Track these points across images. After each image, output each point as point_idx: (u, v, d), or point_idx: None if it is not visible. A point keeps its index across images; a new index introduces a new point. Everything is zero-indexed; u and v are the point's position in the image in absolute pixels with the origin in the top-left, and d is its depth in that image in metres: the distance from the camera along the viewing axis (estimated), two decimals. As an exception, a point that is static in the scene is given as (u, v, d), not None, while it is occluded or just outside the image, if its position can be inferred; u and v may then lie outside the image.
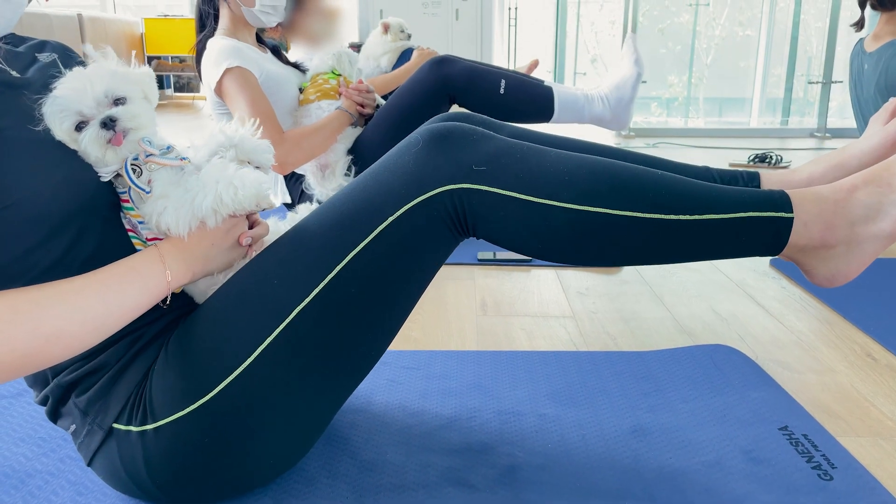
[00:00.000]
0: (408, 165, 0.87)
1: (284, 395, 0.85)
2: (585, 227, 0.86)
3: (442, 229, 0.87)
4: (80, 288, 0.74)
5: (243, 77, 1.77)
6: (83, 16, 5.60)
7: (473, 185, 0.85)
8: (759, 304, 1.67)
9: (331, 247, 0.85)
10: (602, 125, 2.01)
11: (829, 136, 4.72)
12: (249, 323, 0.84)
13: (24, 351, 0.69)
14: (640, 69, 1.94)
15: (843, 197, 0.89)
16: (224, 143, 0.90)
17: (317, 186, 1.90)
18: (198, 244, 0.83)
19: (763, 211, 0.87)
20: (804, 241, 0.89)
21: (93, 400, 0.84)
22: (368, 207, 0.86)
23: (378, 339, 0.90)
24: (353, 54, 2.05)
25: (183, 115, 5.87)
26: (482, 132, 0.91)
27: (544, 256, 0.90)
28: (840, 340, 1.46)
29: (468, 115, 1.25)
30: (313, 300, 0.83)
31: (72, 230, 0.78)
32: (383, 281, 0.86)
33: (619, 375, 1.28)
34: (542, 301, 1.71)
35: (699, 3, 6.05)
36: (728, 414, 1.13)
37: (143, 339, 0.86)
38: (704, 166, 1.25)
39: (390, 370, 1.30)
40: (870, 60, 2.70)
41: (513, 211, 0.86)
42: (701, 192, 0.88)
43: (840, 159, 1.17)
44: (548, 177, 0.86)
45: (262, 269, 0.86)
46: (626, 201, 0.86)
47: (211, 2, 1.93)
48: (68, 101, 0.77)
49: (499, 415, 1.15)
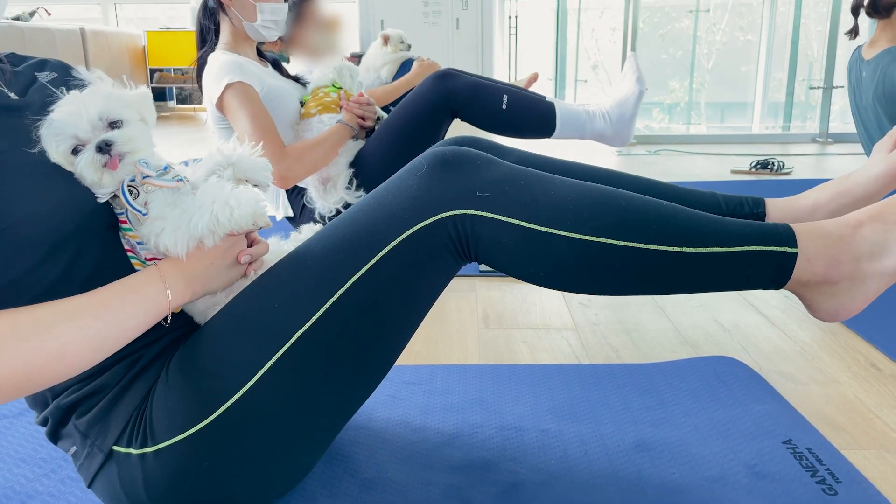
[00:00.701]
0: (411, 190, 0.87)
1: (286, 417, 0.84)
2: (588, 257, 0.85)
3: (444, 254, 0.87)
4: (81, 307, 0.74)
5: (244, 92, 1.77)
6: (86, 29, 5.63)
7: (477, 211, 0.85)
8: (761, 314, 1.66)
9: (333, 271, 0.85)
10: (603, 141, 2.01)
11: (831, 142, 4.71)
12: (251, 346, 0.83)
13: (25, 370, 0.69)
14: (642, 87, 1.94)
15: (849, 233, 0.89)
16: (222, 162, 0.90)
17: (318, 200, 1.90)
18: (197, 263, 0.83)
19: (767, 245, 0.87)
20: (808, 277, 0.88)
21: (93, 422, 0.84)
22: (371, 231, 0.86)
23: (379, 362, 0.90)
24: (354, 67, 2.05)
25: (185, 127, 5.88)
26: (487, 157, 0.91)
27: (546, 284, 0.90)
28: (844, 350, 1.45)
29: (476, 140, 1.25)
30: (315, 324, 0.83)
31: (69, 251, 0.79)
32: (385, 305, 0.86)
33: (621, 388, 1.28)
34: (544, 313, 1.70)
35: (699, 9, 6.05)
36: (732, 427, 1.13)
37: (142, 360, 0.86)
38: (710, 192, 1.24)
39: (392, 385, 1.29)
40: (868, 68, 2.69)
41: (515, 238, 0.85)
42: (705, 225, 0.88)
43: (844, 186, 1.17)
44: (551, 205, 0.86)
45: (263, 292, 0.86)
46: (630, 232, 0.85)
47: (212, 16, 1.93)
48: (64, 125, 0.77)
49: (501, 430, 1.14)
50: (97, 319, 0.74)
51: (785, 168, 3.52)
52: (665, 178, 3.28)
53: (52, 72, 0.93)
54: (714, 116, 6.77)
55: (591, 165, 1.28)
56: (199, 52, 1.94)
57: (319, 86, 1.99)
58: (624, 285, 0.89)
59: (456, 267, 0.90)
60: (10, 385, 0.68)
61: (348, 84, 2.00)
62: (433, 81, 1.89)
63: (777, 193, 3.08)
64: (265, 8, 1.87)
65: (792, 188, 3.13)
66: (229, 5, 1.87)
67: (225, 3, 1.88)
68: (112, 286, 0.78)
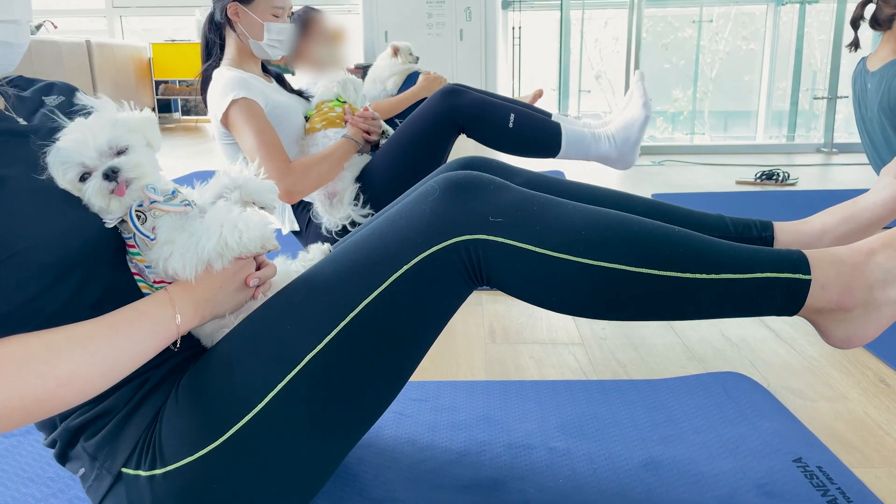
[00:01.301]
0: (424, 214, 0.87)
1: (295, 440, 0.84)
2: (600, 283, 0.85)
3: (456, 279, 0.87)
4: (91, 332, 0.75)
5: (249, 108, 1.78)
6: (91, 42, 5.66)
7: (489, 236, 0.86)
8: (769, 328, 1.66)
9: (344, 293, 0.85)
10: (607, 164, 2.02)
11: (835, 152, 4.70)
12: (261, 368, 0.83)
13: (35, 395, 0.69)
14: (648, 112, 1.95)
15: (862, 260, 0.88)
16: (228, 185, 0.90)
17: (324, 215, 1.91)
18: (206, 287, 0.83)
19: (781, 272, 0.87)
20: (821, 304, 0.88)
21: (101, 444, 0.84)
22: (384, 255, 0.86)
23: (389, 384, 0.90)
24: (358, 81, 2.06)
25: (190, 138, 5.91)
26: (499, 182, 0.91)
27: (558, 309, 0.90)
28: (852, 366, 1.44)
29: (486, 161, 1.25)
30: (326, 346, 0.83)
31: (77, 276, 0.79)
32: (396, 328, 0.86)
33: (629, 405, 1.27)
34: (550, 327, 1.70)
35: (702, 19, 6.06)
36: (741, 445, 1.12)
37: (150, 381, 0.86)
38: (718, 214, 1.24)
39: (399, 402, 1.29)
40: (872, 80, 2.69)
41: (528, 264, 0.86)
42: (718, 251, 0.88)
43: (851, 212, 1.17)
44: (564, 230, 0.86)
45: (274, 314, 0.86)
46: (642, 258, 0.85)
47: (218, 31, 1.94)
48: (70, 153, 0.78)
49: (509, 448, 1.14)
50: (106, 344, 0.74)
51: (790, 179, 3.52)
52: (670, 190, 3.29)
53: (59, 95, 0.94)
54: (717, 125, 6.77)
55: (601, 187, 1.28)
56: (204, 66, 1.95)
57: (324, 100, 2.00)
58: (636, 311, 0.89)
59: (467, 291, 0.90)
60: (20, 410, 0.68)
61: (352, 98, 2.01)
62: (440, 97, 1.90)
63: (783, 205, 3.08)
64: (272, 27, 1.88)
65: (798, 199, 3.13)
66: (237, 22, 1.89)
67: (232, 20, 1.89)
68: (121, 311, 0.78)
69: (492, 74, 5.83)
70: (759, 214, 1.29)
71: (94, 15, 7.05)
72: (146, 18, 7.25)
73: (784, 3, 5.80)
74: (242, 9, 1.86)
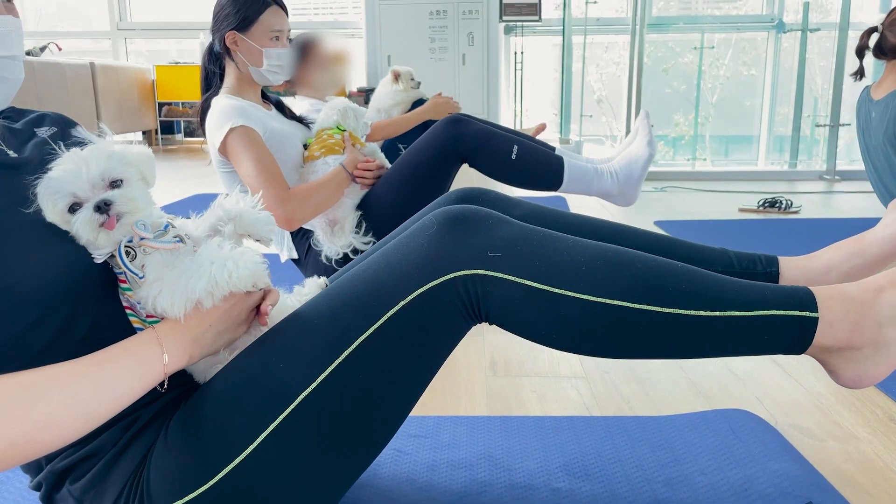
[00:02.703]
0: (422, 248, 0.85)
1: (289, 481, 0.81)
2: (601, 320, 0.83)
3: (454, 315, 0.84)
4: (73, 373, 0.72)
5: (247, 136, 1.77)
6: (95, 64, 5.69)
7: (488, 271, 0.83)
8: (776, 363, 1.63)
9: (340, 329, 0.83)
10: (609, 199, 2.01)
11: (838, 179, 4.69)
12: (255, 406, 0.81)
13: (11, 440, 0.66)
14: (652, 150, 1.94)
15: (871, 297, 0.86)
16: (223, 217, 0.88)
17: (325, 243, 1.89)
18: (196, 326, 0.81)
19: (787, 309, 0.84)
20: (830, 342, 0.86)
21: (88, 487, 0.81)
22: (380, 290, 0.84)
23: (386, 423, 0.87)
24: (360, 109, 2.05)
25: (193, 161, 5.92)
26: (498, 216, 0.89)
27: (559, 346, 0.87)
28: (861, 403, 1.41)
29: (484, 193, 1.23)
30: (321, 384, 0.81)
31: (64, 310, 0.77)
32: (393, 366, 0.84)
33: (634, 443, 1.24)
34: (552, 360, 1.67)
35: (703, 45, 6.10)
36: (750, 489, 1.09)
37: (139, 421, 0.83)
38: (722, 249, 1.22)
39: (397, 439, 1.26)
40: (877, 108, 2.69)
41: (527, 300, 0.83)
42: (722, 287, 0.85)
43: (858, 247, 1.15)
44: (564, 266, 0.84)
45: (269, 351, 0.84)
46: (645, 295, 0.83)
47: (217, 61, 1.94)
48: (62, 183, 0.76)
49: (510, 489, 1.11)
50: (89, 385, 0.71)
51: (793, 206, 3.50)
52: (672, 217, 3.28)
53: (51, 126, 0.92)
54: (719, 150, 6.78)
55: (602, 220, 1.26)
56: (203, 97, 1.94)
57: (323, 128, 1.99)
58: (639, 349, 0.86)
59: (466, 328, 0.87)
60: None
61: (352, 125, 2.00)
62: (444, 127, 1.89)
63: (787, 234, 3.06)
64: (271, 53, 1.88)
65: (802, 228, 3.11)
66: (236, 51, 1.88)
67: (231, 49, 1.88)
68: (107, 351, 0.76)
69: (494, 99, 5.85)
70: (764, 243, 1.26)
71: (99, 37, 7.10)
72: (150, 40, 7.30)
73: (786, 31, 5.83)
74: (240, 37, 1.86)
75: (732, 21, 6.36)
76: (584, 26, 6.00)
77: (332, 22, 6.79)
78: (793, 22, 5.73)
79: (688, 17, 6.32)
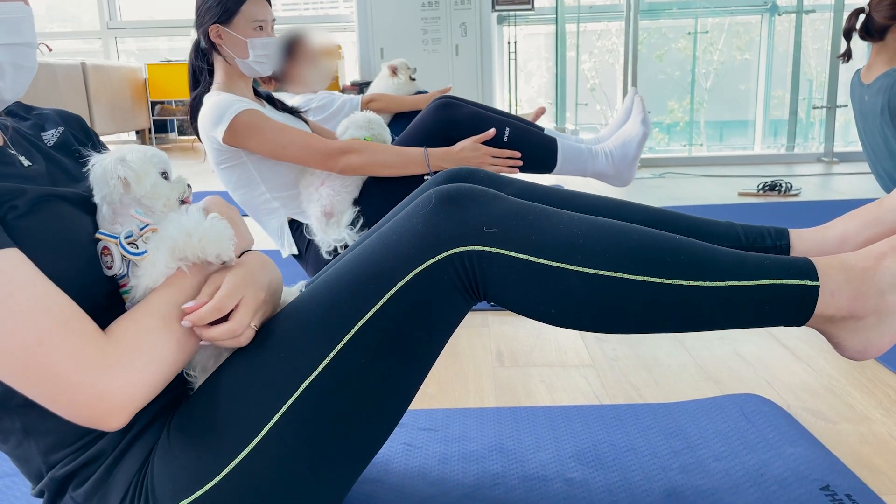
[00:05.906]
0: (416, 228, 0.84)
1: (295, 474, 0.80)
2: (599, 292, 0.82)
3: (453, 293, 0.83)
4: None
5: (256, 115, 1.75)
6: (87, 64, 5.64)
7: (484, 247, 0.82)
8: (784, 346, 1.62)
9: (339, 315, 0.81)
10: (604, 180, 1.99)
11: (836, 161, 4.68)
12: (257, 398, 0.80)
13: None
14: (646, 128, 1.92)
15: (872, 265, 0.85)
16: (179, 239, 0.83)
17: (318, 233, 1.85)
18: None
19: (787, 278, 0.83)
20: (831, 311, 0.84)
21: (90, 492, 0.80)
22: (377, 273, 0.83)
23: (391, 408, 0.86)
24: (378, 118, 2.01)
25: (186, 159, 5.88)
26: (493, 193, 0.88)
27: (558, 323, 0.86)
28: (872, 384, 1.40)
29: (473, 172, 1.19)
30: (322, 372, 0.79)
31: None
32: (395, 349, 0.82)
33: (646, 431, 1.23)
34: (559, 349, 1.66)
35: (697, 31, 6.07)
36: (765, 473, 1.08)
37: (138, 423, 0.82)
38: (728, 222, 1.17)
39: (407, 433, 1.25)
40: (869, 91, 2.67)
41: (524, 274, 0.82)
42: (722, 258, 0.84)
43: (876, 214, 1.09)
44: (561, 239, 0.83)
45: (268, 343, 0.82)
46: (644, 266, 0.82)
47: (204, 57, 1.91)
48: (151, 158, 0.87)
49: (523, 481, 1.09)
50: None
51: (793, 189, 3.49)
52: (672, 203, 3.26)
53: (56, 127, 0.91)
54: (714, 135, 6.76)
55: (599, 196, 1.21)
56: (193, 94, 1.92)
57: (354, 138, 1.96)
58: (638, 322, 0.84)
59: (465, 307, 0.86)
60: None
61: (377, 132, 1.97)
62: (434, 111, 1.87)
63: (788, 216, 3.04)
64: (256, 43, 1.84)
65: (803, 210, 3.10)
66: (221, 44, 1.85)
67: (216, 43, 1.85)
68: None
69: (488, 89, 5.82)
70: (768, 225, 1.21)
71: (89, 37, 7.04)
72: (141, 39, 7.24)
73: (779, 13, 5.81)
74: (224, 29, 1.83)
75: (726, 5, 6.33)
76: (577, 14, 5.96)
77: (323, 16, 6.75)
78: (786, 4, 5.71)
79: (681, 3, 6.28)
